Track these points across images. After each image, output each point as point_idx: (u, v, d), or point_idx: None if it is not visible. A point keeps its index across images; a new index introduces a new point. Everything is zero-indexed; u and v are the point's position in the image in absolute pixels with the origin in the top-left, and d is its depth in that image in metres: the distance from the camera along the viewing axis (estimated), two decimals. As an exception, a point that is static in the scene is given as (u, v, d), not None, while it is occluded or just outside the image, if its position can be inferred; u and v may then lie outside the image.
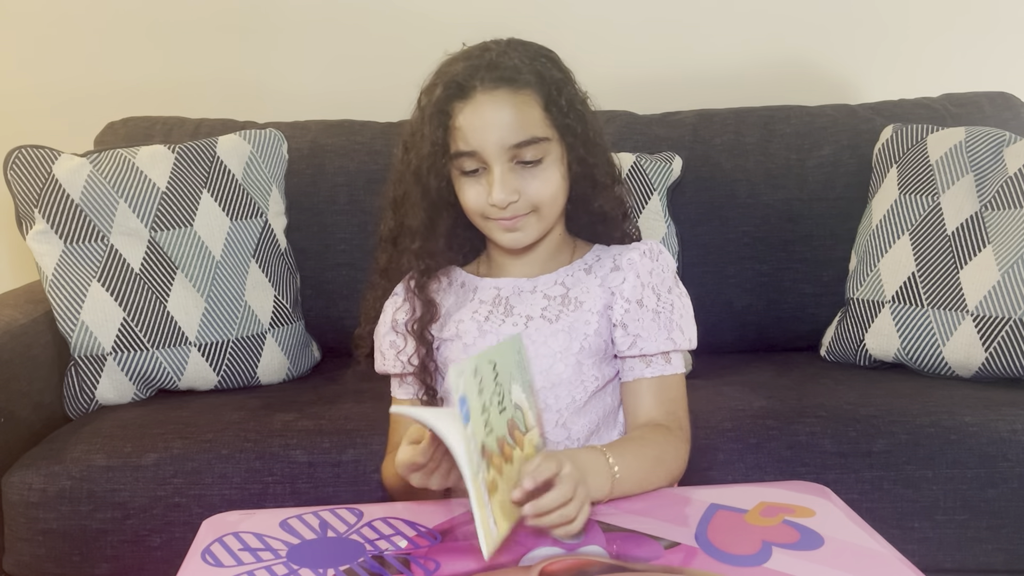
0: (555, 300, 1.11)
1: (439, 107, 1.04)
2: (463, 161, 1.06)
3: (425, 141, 1.06)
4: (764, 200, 1.84)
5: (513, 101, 1.04)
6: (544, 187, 1.07)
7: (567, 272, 1.14)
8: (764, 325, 1.85)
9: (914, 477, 1.39)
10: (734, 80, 2.14)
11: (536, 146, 1.05)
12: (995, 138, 1.71)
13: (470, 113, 1.04)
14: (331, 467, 1.41)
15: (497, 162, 1.05)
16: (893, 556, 0.87)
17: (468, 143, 1.05)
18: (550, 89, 1.06)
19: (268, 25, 2.12)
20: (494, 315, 1.12)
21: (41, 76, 2.13)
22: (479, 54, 1.06)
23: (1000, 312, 1.55)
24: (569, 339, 1.09)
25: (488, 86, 1.04)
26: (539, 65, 1.07)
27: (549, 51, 1.12)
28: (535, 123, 1.05)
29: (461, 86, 1.04)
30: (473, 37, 1.13)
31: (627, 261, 1.12)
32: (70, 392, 1.63)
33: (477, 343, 1.11)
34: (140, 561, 1.40)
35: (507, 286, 1.14)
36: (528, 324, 1.11)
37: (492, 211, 1.07)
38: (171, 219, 1.68)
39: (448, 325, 1.14)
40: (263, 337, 1.71)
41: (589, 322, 1.10)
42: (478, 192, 1.07)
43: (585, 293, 1.12)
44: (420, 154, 1.07)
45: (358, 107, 2.01)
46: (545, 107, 1.06)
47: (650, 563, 0.85)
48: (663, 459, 1.04)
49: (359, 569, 0.86)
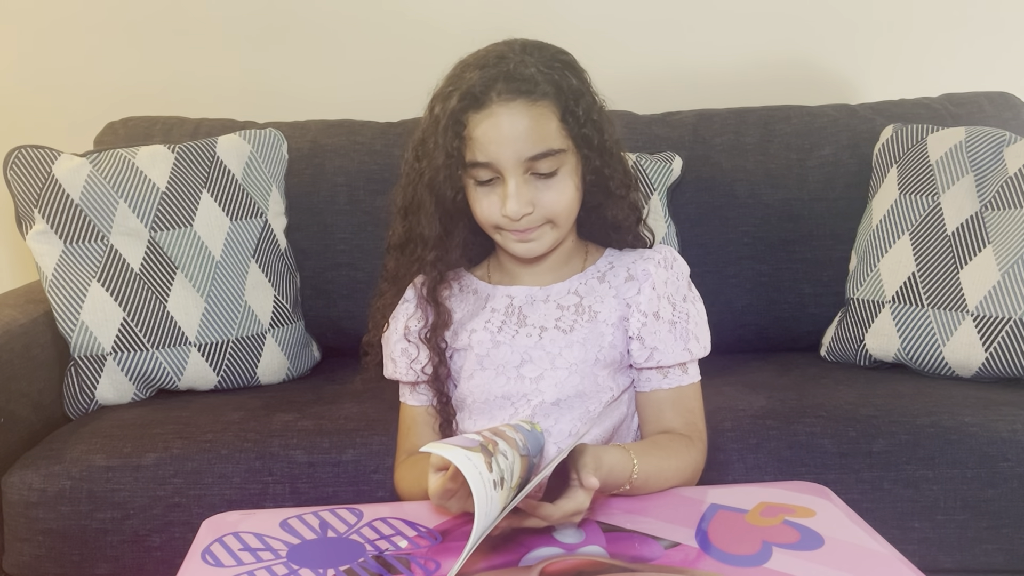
0: (568, 310, 1.11)
1: (455, 117, 1.03)
2: (477, 171, 1.05)
3: (439, 150, 1.04)
4: (764, 200, 1.84)
5: (530, 113, 1.03)
6: (559, 199, 1.06)
7: (580, 280, 1.13)
8: (764, 325, 1.85)
9: (914, 477, 1.39)
10: (734, 80, 2.14)
11: (552, 158, 1.04)
12: (995, 138, 1.71)
13: (486, 124, 1.02)
14: (331, 467, 1.41)
15: (512, 174, 1.04)
16: (893, 556, 0.87)
17: (483, 154, 1.03)
18: (567, 100, 1.05)
19: (268, 25, 2.12)
20: (507, 325, 1.11)
21: (41, 76, 2.13)
22: (495, 63, 1.04)
23: (1000, 312, 1.55)
24: (584, 350, 1.09)
25: (505, 97, 1.02)
26: (556, 74, 1.05)
27: (565, 55, 1.10)
28: (551, 135, 1.04)
29: (477, 97, 1.02)
30: (473, 37, 1.12)
31: (642, 272, 1.11)
32: (70, 392, 1.63)
33: (491, 354, 1.10)
34: (140, 561, 1.40)
35: (520, 295, 1.13)
36: (543, 335, 1.10)
37: (506, 222, 1.06)
38: (171, 219, 1.68)
39: (461, 334, 1.13)
40: (263, 337, 1.71)
41: (604, 334, 1.10)
42: (492, 203, 1.06)
43: (599, 303, 1.11)
44: (434, 164, 1.05)
45: (358, 107, 2.01)
46: (562, 118, 1.05)
47: (650, 563, 0.85)
48: (682, 470, 1.06)
49: (359, 569, 0.86)
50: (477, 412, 1.12)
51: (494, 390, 1.10)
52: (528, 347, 1.10)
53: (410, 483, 1.12)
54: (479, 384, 1.11)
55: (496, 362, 1.10)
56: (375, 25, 2.12)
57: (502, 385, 1.10)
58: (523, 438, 0.89)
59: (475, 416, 1.12)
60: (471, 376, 1.12)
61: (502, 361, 1.10)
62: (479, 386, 1.11)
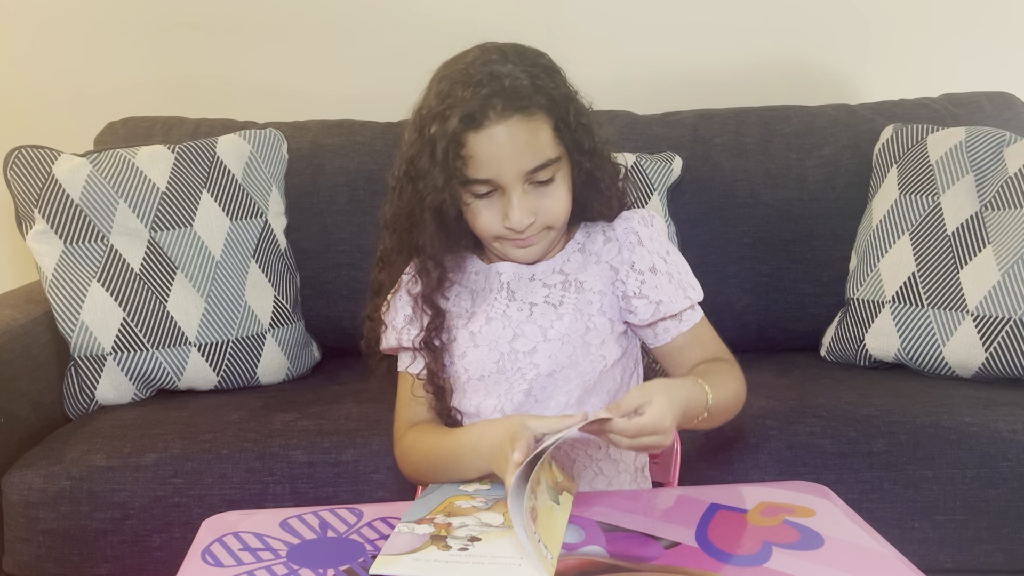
0: (556, 287, 1.12)
1: (455, 139, 1.03)
2: (476, 187, 1.06)
3: (438, 171, 1.04)
4: (764, 200, 1.84)
5: (527, 127, 1.03)
6: (556, 205, 1.08)
7: (563, 258, 1.15)
8: (764, 325, 1.85)
9: (914, 477, 1.39)
10: (734, 80, 2.14)
11: (549, 167, 1.06)
12: (995, 138, 1.71)
13: (485, 143, 1.03)
14: (331, 467, 1.41)
15: (514, 188, 1.05)
16: (893, 556, 0.87)
17: (485, 171, 1.04)
18: (559, 108, 1.06)
19: (268, 25, 2.12)
20: (498, 301, 1.13)
21: (41, 76, 2.13)
22: (488, 81, 1.03)
23: (1000, 312, 1.55)
24: (575, 320, 1.11)
25: (503, 115, 1.02)
26: (543, 82, 1.05)
27: (544, 57, 1.10)
28: (547, 145, 1.05)
29: (475, 117, 1.02)
30: (472, 38, 1.12)
31: (624, 231, 1.13)
32: (70, 392, 1.63)
33: (483, 330, 1.11)
34: (140, 561, 1.40)
35: (508, 271, 1.15)
36: (532, 310, 1.11)
37: (508, 233, 1.08)
38: (171, 219, 1.68)
39: (477, 316, 1.14)
40: (263, 337, 1.71)
41: (591, 302, 1.11)
42: (493, 215, 1.07)
43: (583, 272, 1.13)
44: (433, 184, 1.05)
45: (358, 107, 2.01)
46: (555, 127, 1.06)
47: (650, 563, 0.85)
48: (739, 391, 1.11)
49: (359, 569, 0.86)
50: (472, 390, 1.13)
51: (488, 366, 1.11)
52: (520, 321, 1.11)
53: (425, 447, 1.11)
54: (473, 361, 1.12)
55: (489, 338, 1.12)
56: (375, 25, 2.12)
57: (495, 361, 1.11)
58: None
59: (470, 394, 1.13)
60: (464, 354, 1.13)
61: (494, 336, 1.11)
62: (473, 363, 1.12)
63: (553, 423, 0.95)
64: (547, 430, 0.94)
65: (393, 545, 0.85)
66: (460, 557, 0.83)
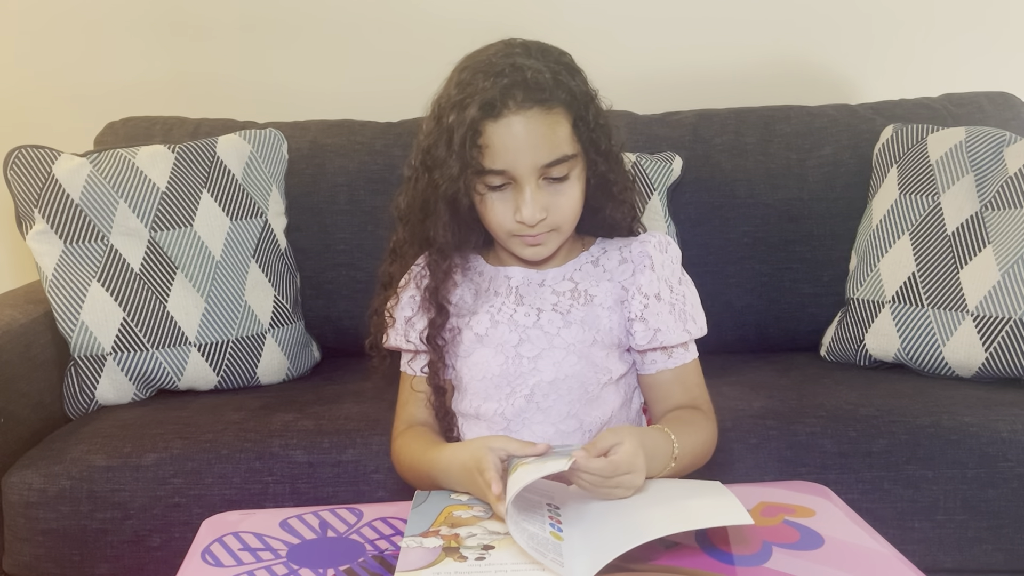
0: (564, 295, 1.12)
1: (473, 127, 1.02)
2: (491, 178, 1.05)
3: (454, 160, 1.04)
4: (764, 200, 1.84)
5: (546, 121, 1.03)
6: (568, 204, 1.08)
7: (574, 266, 1.15)
8: (764, 325, 1.85)
9: (914, 477, 1.39)
10: (734, 80, 2.14)
11: (565, 163, 1.06)
12: (995, 138, 1.71)
13: (503, 132, 1.03)
14: (331, 467, 1.41)
15: (528, 181, 1.04)
16: (893, 556, 0.87)
17: (500, 162, 1.04)
18: (579, 105, 1.06)
19: (268, 25, 2.12)
20: (506, 305, 1.13)
21: (41, 75, 2.13)
22: (509, 72, 1.03)
23: (1000, 312, 1.55)
24: (582, 331, 1.10)
25: (523, 106, 1.02)
26: (565, 78, 1.05)
27: (566, 56, 1.10)
28: (565, 141, 1.05)
29: (495, 106, 1.02)
30: (472, 37, 1.12)
31: (638, 254, 1.13)
32: (70, 392, 1.63)
33: (489, 333, 1.11)
34: (140, 561, 1.40)
35: (517, 276, 1.15)
36: (540, 316, 1.11)
37: (519, 228, 1.07)
38: (171, 219, 1.68)
39: (480, 314, 1.14)
40: (263, 337, 1.71)
41: (600, 316, 1.11)
42: (506, 209, 1.07)
43: (595, 287, 1.12)
44: (449, 173, 1.05)
45: (358, 107, 2.01)
46: (573, 123, 1.06)
47: (650, 563, 0.85)
48: (708, 444, 1.09)
49: (359, 569, 0.86)
50: (473, 391, 1.13)
51: (492, 368, 1.11)
52: (526, 326, 1.11)
53: (408, 457, 1.11)
54: (477, 362, 1.12)
55: (495, 341, 1.11)
56: (376, 25, 2.12)
57: (500, 364, 1.11)
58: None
59: (471, 396, 1.13)
60: (469, 354, 1.13)
61: (501, 340, 1.11)
62: (477, 364, 1.12)
63: (517, 447, 0.95)
64: (513, 452, 0.94)
65: (407, 561, 0.84)
66: (480, 567, 0.83)
